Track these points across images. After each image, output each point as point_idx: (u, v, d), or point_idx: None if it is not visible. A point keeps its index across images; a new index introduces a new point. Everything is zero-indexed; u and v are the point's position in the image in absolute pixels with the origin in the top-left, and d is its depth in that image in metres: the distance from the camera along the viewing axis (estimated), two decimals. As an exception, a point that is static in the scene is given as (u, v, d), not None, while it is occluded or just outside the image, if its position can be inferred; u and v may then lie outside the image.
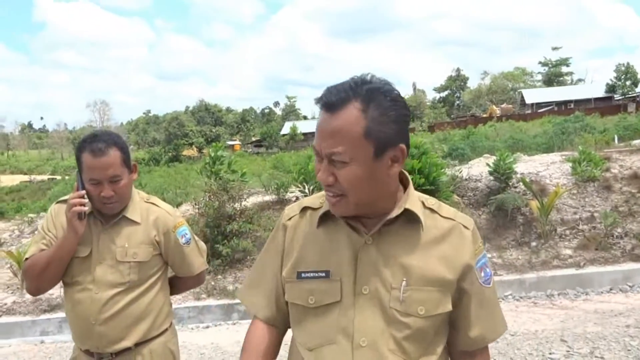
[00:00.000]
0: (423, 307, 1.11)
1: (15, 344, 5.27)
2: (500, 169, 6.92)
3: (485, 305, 1.19)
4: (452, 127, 31.13)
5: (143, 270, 1.89)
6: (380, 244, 1.14)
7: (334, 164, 1.08)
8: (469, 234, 1.18)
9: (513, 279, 5.63)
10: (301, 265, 1.19)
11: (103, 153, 1.78)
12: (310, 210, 1.26)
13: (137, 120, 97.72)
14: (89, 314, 1.83)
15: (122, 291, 1.85)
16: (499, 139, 16.42)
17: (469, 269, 1.16)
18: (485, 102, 65.77)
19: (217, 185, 6.92)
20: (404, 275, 1.12)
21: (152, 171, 28.00)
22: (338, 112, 1.05)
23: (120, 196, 1.84)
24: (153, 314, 1.92)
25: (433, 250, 1.15)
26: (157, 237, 1.92)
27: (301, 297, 1.18)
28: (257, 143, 61.26)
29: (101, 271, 1.84)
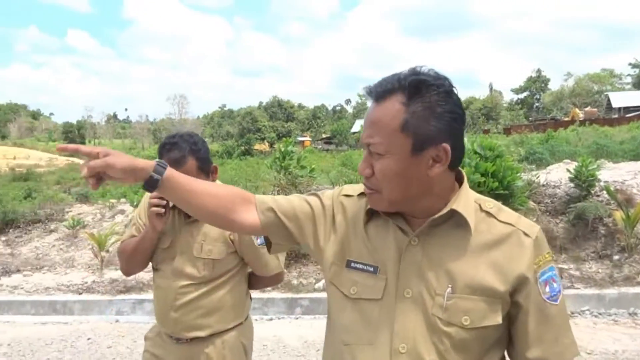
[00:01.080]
0: (468, 318, 1.02)
1: (93, 321, 5.61)
2: (582, 175, 6.52)
3: (550, 325, 1.06)
4: (530, 130, 29.78)
5: (217, 268, 1.95)
6: (426, 246, 1.08)
7: (372, 155, 1.05)
8: (530, 243, 1.06)
9: (591, 294, 5.29)
10: (352, 254, 1.15)
11: (179, 164, 1.82)
12: (365, 199, 1.18)
13: (212, 114, 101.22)
14: (166, 299, 1.95)
15: (196, 284, 1.93)
16: (581, 144, 15.51)
17: (524, 280, 1.04)
18: (567, 104, 62.45)
19: (286, 180, 7.02)
20: (450, 281, 1.04)
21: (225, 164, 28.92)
22: (381, 102, 1.04)
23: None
24: (225, 309, 1.97)
25: (483, 257, 1.05)
26: (231, 236, 1.96)
27: (345, 285, 1.14)
28: (327, 140, 61.66)
29: (180, 262, 1.94)
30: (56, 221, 8.46)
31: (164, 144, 1.92)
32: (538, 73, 78.87)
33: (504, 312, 1.04)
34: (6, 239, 8.08)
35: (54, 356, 4.57)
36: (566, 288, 5.40)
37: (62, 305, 5.98)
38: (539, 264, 1.06)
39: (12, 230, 8.25)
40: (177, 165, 1.79)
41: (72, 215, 8.51)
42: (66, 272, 6.90)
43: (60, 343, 4.86)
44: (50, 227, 8.34)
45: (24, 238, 8.11)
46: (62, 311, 5.93)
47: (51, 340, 4.95)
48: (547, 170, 8.27)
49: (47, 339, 4.97)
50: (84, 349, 4.72)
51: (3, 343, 4.91)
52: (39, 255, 7.54)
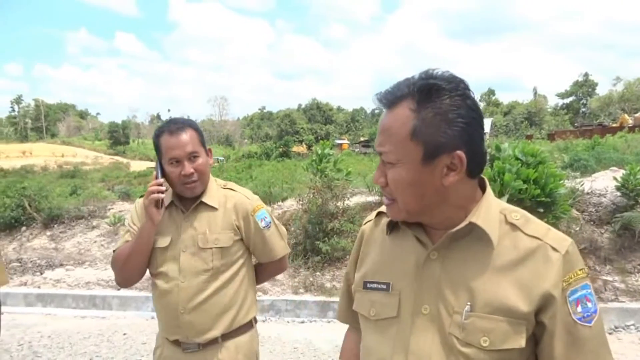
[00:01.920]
0: (487, 339, 0.95)
1: (130, 316, 5.75)
2: (630, 184, 6.24)
3: (582, 349, 0.96)
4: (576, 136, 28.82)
5: (226, 256, 1.87)
6: (446, 261, 1.02)
7: (385, 164, 1.02)
8: (558, 258, 0.97)
9: (637, 308, 5.04)
10: (368, 274, 1.14)
11: (180, 131, 1.82)
12: (384, 217, 1.18)
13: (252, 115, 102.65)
14: (176, 303, 1.83)
15: (208, 279, 1.85)
16: (629, 151, 14.88)
17: (550, 299, 0.95)
18: (615, 110, 60.24)
19: (322, 183, 7.00)
20: (469, 298, 0.98)
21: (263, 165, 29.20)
22: (392, 109, 0.99)
23: (200, 174, 1.85)
24: (239, 302, 1.90)
25: (507, 274, 0.98)
26: (236, 222, 1.91)
27: (364, 308, 1.13)
28: (365, 143, 61.43)
29: (185, 259, 1.84)
30: (98, 217, 8.72)
31: (159, 126, 1.90)
32: (585, 77, 76.44)
33: (528, 334, 0.96)
34: (51, 233, 8.38)
35: (90, 350, 4.69)
36: (610, 301, 5.18)
37: (101, 299, 6.15)
38: (569, 281, 0.97)
39: (57, 226, 8.55)
40: (179, 134, 1.81)
41: (114, 212, 8.75)
42: (106, 268, 7.09)
43: (98, 337, 4.99)
44: (92, 223, 8.60)
45: (68, 233, 8.40)
46: (101, 305, 6.10)
47: (89, 334, 5.09)
48: (592, 178, 7.97)
49: (85, 333, 5.11)
50: (119, 344, 4.83)
51: (44, 335, 5.08)
52: (81, 251, 7.79)
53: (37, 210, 8.65)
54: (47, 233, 8.41)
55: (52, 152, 65.43)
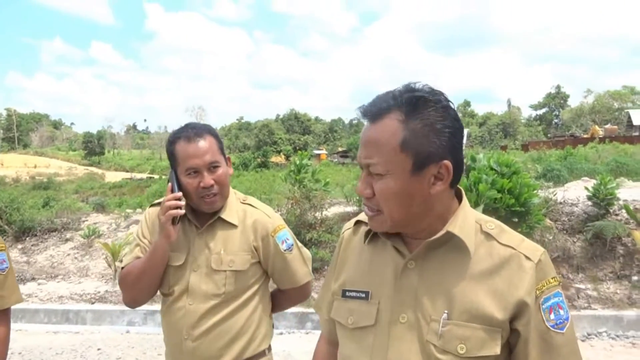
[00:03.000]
0: (464, 346, 0.97)
1: (104, 331, 5.63)
2: (600, 193, 6.40)
3: (555, 355, 0.98)
4: (549, 147, 29.48)
5: (240, 281, 1.69)
6: (424, 269, 1.04)
7: (372, 175, 1.02)
8: (531, 267, 0.99)
9: (609, 315, 5.15)
10: (347, 283, 1.15)
11: (198, 137, 1.65)
12: (363, 225, 1.18)
13: (230, 125, 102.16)
14: (181, 327, 1.67)
15: (218, 304, 1.67)
16: (600, 162, 15.28)
17: (523, 307, 0.98)
18: (586, 121, 61.79)
19: (300, 193, 7.01)
20: (446, 306, 1.00)
21: (241, 176, 29.07)
22: (377, 121, 1.00)
23: (221, 186, 1.68)
24: (250, 331, 1.72)
25: (482, 282, 1.00)
26: (255, 243, 1.72)
27: (342, 316, 1.13)
28: (343, 153, 61.71)
29: (195, 280, 1.67)
30: (72, 230, 8.55)
31: (174, 132, 1.72)
32: (557, 89, 78.27)
33: (503, 341, 0.98)
34: (22, 246, 8.19)
35: (63, 365, 4.58)
36: (583, 309, 5.28)
37: (75, 314, 6.01)
38: (542, 289, 0.99)
39: (29, 239, 8.37)
40: (198, 140, 1.64)
41: (88, 224, 8.59)
42: (80, 281, 6.95)
43: (71, 353, 4.87)
44: (66, 235, 8.43)
45: (40, 246, 8.22)
46: (74, 320, 5.97)
47: (62, 349, 4.96)
48: (564, 188, 8.15)
49: (57, 349, 4.99)
50: (93, 359, 4.72)
51: (15, 351, 4.93)
52: (54, 264, 7.62)
53: (8, 222, 8.44)
54: (19, 246, 8.21)
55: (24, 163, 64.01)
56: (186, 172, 1.65)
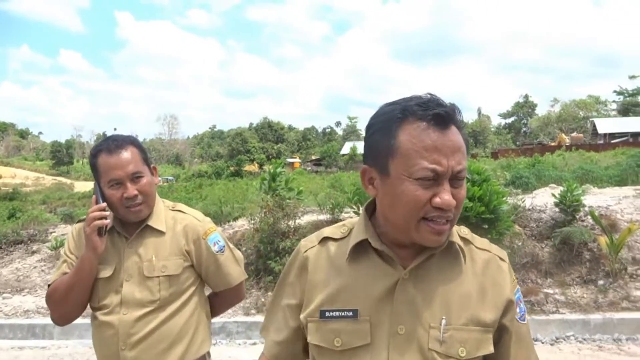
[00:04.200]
0: (464, 349, 1.01)
1: (72, 345, 5.47)
2: (567, 200, 6.56)
3: (523, 344, 1.11)
4: (517, 155, 30.06)
5: (174, 285, 1.71)
6: (418, 279, 1.05)
7: (455, 183, 0.99)
8: (506, 267, 1.12)
9: (576, 319, 5.28)
10: (325, 303, 1.08)
11: (120, 149, 1.68)
12: (331, 242, 1.15)
13: (202, 134, 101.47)
14: (117, 338, 1.66)
15: (154, 310, 1.68)
16: (567, 169, 15.65)
17: (510, 304, 1.08)
18: (553, 130, 63.39)
19: (273, 202, 6.99)
20: (444, 313, 1.03)
21: (214, 184, 28.78)
22: (451, 127, 0.99)
23: (145, 196, 1.70)
24: (189, 336, 1.73)
25: (473, 286, 1.06)
26: (186, 247, 1.75)
27: (326, 339, 1.06)
28: (317, 162, 61.82)
29: (129, 290, 1.68)
30: (39, 242, 8.34)
31: (95, 145, 1.74)
32: (525, 98, 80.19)
33: (493, 339, 1.06)
34: (-14, 259, 7.94)
35: (29, 382, 4.44)
36: (551, 313, 5.39)
37: (42, 328, 5.84)
38: (513, 286, 1.11)
39: (-7, 251, 8.11)
40: (119, 152, 1.66)
41: (56, 235, 8.38)
42: (47, 294, 6.76)
43: (37, 368, 4.73)
44: (32, 247, 8.21)
45: (5, 259, 7.98)
46: (41, 335, 5.80)
47: (27, 365, 4.82)
48: (532, 195, 8.33)
49: (23, 364, 4.84)
50: (61, 374, 4.59)
51: (-23, 368, 4.77)
52: (20, 277, 7.40)
53: (-29, 235, 8.18)
54: (-18, 259, 7.95)
55: (-12, 173, 62.14)
56: (109, 184, 1.67)
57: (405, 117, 0.99)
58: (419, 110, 0.98)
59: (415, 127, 0.98)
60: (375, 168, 1.03)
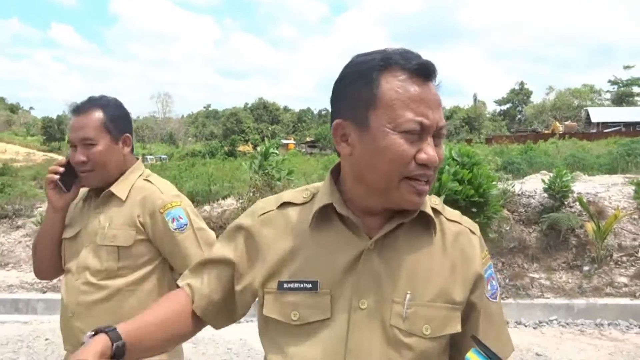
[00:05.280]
0: (429, 326, 0.94)
1: (55, 320, 5.38)
2: (556, 186, 6.56)
3: (493, 323, 1.03)
4: (511, 141, 30.16)
5: (125, 258, 1.60)
6: (384, 250, 0.96)
7: (436, 140, 0.93)
8: (477, 240, 1.03)
9: (560, 303, 5.30)
10: (283, 273, 0.98)
11: (80, 112, 1.62)
12: (291, 207, 1.04)
13: (197, 113, 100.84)
14: (67, 303, 1.61)
15: (100, 280, 1.59)
16: (559, 157, 15.69)
17: (479, 279, 1.00)
18: (548, 118, 63.53)
19: (262, 182, 6.94)
20: (409, 287, 0.94)
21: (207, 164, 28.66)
22: (431, 81, 0.93)
23: (94, 164, 1.61)
24: None
25: (443, 260, 0.98)
26: (141, 218, 1.62)
27: (282, 313, 0.97)
28: (311, 143, 61.66)
29: (84, 254, 1.62)
30: (24, 217, 8.25)
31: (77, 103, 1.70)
32: (521, 86, 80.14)
33: (461, 317, 0.99)
34: (-29, 234, 7.86)
35: (7, 357, 4.40)
36: (536, 297, 5.41)
37: (25, 303, 5.80)
38: (485, 261, 1.03)
39: (-22, 226, 8.03)
40: (78, 115, 1.60)
41: (42, 210, 8.30)
42: (31, 270, 6.69)
43: (17, 344, 4.69)
44: (17, 222, 8.13)
45: (-10, 233, 7.90)
46: (24, 310, 5.76)
47: (7, 340, 4.77)
48: (523, 180, 8.33)
49: (2, 339, 4.79)
50: (40, 350, 4.56)
51: (-43, 341, 4.73)
52: (4, 252, 7.34)
53: (-45, 208, 8.08)
54: (-33, 233, 7.87)
55: (-22, 148, 61.60)
56: (69, 145, 1.66)
57: (388, 66, 0.91)
58: (401, 60, 0.91)
59: (399, 76, 0.90)
60: (352, 121, 0.93)
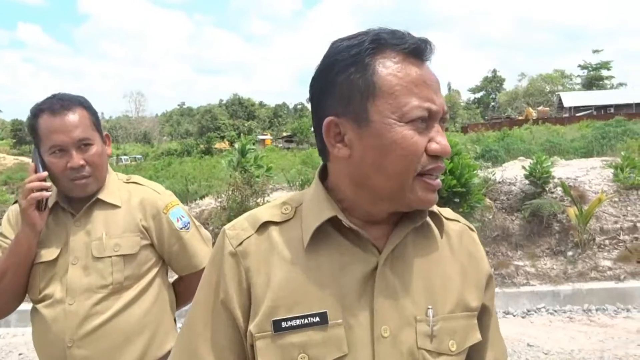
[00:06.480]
0: (454, 342, 0.82)
1: (29, 332, 5.19)
2: (537, 172, 6.56)
3: (496, 322, 0.97)
4: (487, 129, 30.42)
5: (130, 267, 1.47)
6: (395, 262, 0.83)
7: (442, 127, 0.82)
8: (476, 237, 0.95)
9: (547, 290, 5.30)
10: (279, 311, 0.80)
11: (66, 110, 1.43)
12: (273, 226, 0.86)
13: (171, 112, 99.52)
14: (62, 333, 1.40)
15: (106, 297, 1.43)
16: (535, 142, 15.87)
17: (490, 279, 0.93)
18: (521, 104, 64.40)
19: (242, 179, 6.79)
20: (429, 301, 0.82)
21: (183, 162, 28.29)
22: (427, 63, 0.82)
23: (94, 168, 1.47)
24: (151, 328, 1.49)
25: (453, 264, 0.88)
26: (144, 222, 1.51)
27: (287, 358, 0.78)
28: (288, 138, 61.40)
29: (75, 274, 1.43)
30: (-5, 224, 7.96)
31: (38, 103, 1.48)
32: (494, 73, 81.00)
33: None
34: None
35: (-19, 373, 4.21)
36: (522, 285, 5.40)
37: (-3, 315, 5.56)
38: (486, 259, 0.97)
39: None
40: (65, 113, 1.42)
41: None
42: (4, 279, 6.46)
43: (-11, 358, 4.49)
44: (-12, 230, 7.84)
45: (-41, 243, 7.59)
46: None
47: (-21, 355, 4.57)
48: (502, 168, 8.34)
49: (-25, 354, 4.59)
50: (15, 363, 4.36)
51: None
52: (-25, 262, 7.06)
53: None
54: None
55: (-55, 154, 59.74)
56: (50, 151, 1.43)
57: (380, 48, 0.78)
58: (394, 40, 0.78)
59: (394, 59, 0.78)
60: (347, 117, 0.79)
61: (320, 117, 0.83)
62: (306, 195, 0.89)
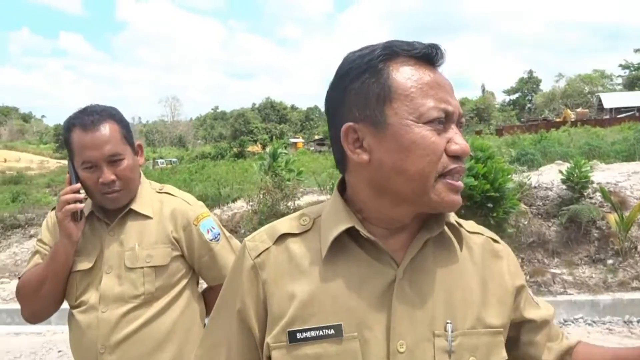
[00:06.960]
0: (475, 358, 0.80)
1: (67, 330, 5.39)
2: (575, 177, 6.37)
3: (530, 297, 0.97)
4: (522, 131, 29.72)
5: (161, 279, 1.50)
6: (414, 274, 0.82)
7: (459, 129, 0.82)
8: (503, 249, 0.93)
9: (585, 300, 5.13)
10: (295, 322, 0.80)
11: (96, 126, 1.45)
12: (291, 238, 0.87)
13: (205, 116, 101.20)
14: (95, 340, 1.45)
15: (137, 307, 1.47)
16: (573, 145, 15.42)
17: (521, 289, 0.91)
18: (558, 105, 62.75)
19: (272, 183, 6.84)
20: (448, 315, 0.81)
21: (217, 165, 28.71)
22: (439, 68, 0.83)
23: (125, 182, 1.49)
24: (180, 336, 1.52)
25: (474, 278, 0.86)
26: (175, 234, 1.54)
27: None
28: (320, 141, 61.46)
29: (108, 283, 1.47)
30: (36, 225, 8.22)
31: (70, 116, 1.51)
32: (530, 74, 79.25)
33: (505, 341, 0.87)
34: (-17, 245, 7.86)
35: (20, 371, 4.35)
36: (559, 294, 5.25)
37: (38, 314, 5.75)
38: (518, 271, 0.94)
39: (-10, 236, 8.03)
40: (95, 129, 1.44)
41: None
42: (44, 280, 6.68)
43: (29, 357, 4.65)
44: (30, 232, 8.11)
45: (3, 244, 7.90)
46: (38, 320, 5.71)
47: (20, 353, 4.73)
48: (539, 172, 8.13)
49: (16, 352, 4.75)
50: (53, 362, 4.50)
51: (-29, 356, 4.69)
52: (18, 262, 7.32)
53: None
54: (-20, 244, 7.87)
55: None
56: (83, 166, 1.46)
57: (392, 54, 0.80)
58: (405, 46, 0.80)
59: (406, 64, 0.80)
60: (365, 122, 0.79)
61: (337, 127, 0.83)
62: (325, 206, 0.90)
